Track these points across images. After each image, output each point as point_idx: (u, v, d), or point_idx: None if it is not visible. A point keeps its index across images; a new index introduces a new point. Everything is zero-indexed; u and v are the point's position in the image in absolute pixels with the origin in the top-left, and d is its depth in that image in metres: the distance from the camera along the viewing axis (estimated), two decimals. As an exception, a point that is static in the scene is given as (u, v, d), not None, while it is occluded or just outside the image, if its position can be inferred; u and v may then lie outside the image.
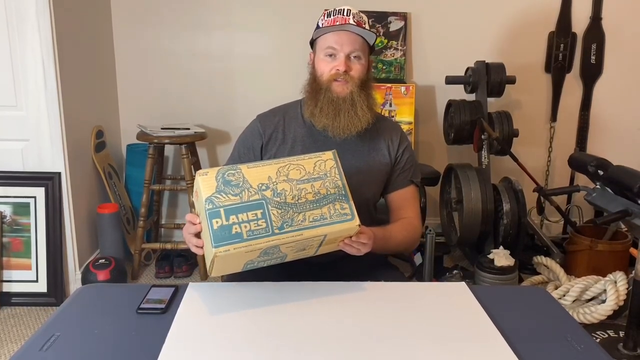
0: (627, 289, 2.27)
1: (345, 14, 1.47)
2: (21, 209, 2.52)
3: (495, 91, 2.89)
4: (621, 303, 2.27)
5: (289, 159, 1.22)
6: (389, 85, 2.95)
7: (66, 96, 2.51)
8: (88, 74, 2.81)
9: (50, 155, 2.52)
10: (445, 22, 3.10)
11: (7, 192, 2.51)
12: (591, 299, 2.41)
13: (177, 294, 1.26)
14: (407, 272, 2.80)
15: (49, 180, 2.51)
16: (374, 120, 1.52)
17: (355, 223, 1.20)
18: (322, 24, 1.50)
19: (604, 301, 2.31)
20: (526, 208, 2.70)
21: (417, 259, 2.82)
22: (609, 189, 2.52)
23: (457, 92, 3.03)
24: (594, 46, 3.14)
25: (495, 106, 3.08)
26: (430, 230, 2.29)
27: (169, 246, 2.85)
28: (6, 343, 2.24)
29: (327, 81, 1.47)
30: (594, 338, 1.89)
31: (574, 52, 3.16)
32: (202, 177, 1.16)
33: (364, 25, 1.48)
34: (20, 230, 2.52)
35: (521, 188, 2.69)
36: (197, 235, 1.24)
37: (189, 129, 2.89)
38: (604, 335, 2.24)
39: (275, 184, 1.18)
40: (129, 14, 3.07)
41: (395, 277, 1.56)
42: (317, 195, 1.19)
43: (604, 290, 2.32)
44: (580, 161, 2.68)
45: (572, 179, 3.26)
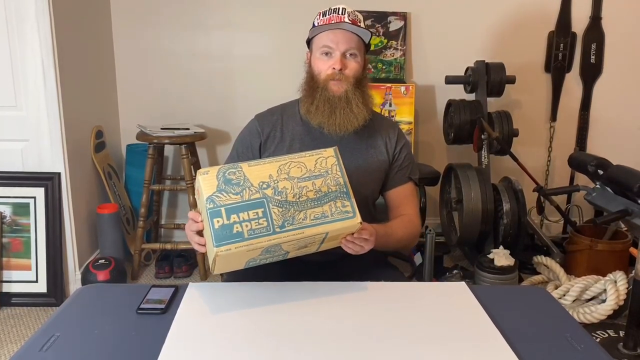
0: (627, 288, 2.27)
1: (340, 13, 1.48)
2: (21, 209, 2.52)
3: (495, 91, 2.89)
4: (621, 303, 2.27)
5: (290, 157, 1.22)
6: (389, 85, 2.95)
7: (66, 96, 2.50)
8: (88, 74, 2.81)
9: (50, 155, 2.51)
10: (445, 22, 3.10)
11: (7, 193, 2.50)
12: (591, 299, 2.41)
13: (177, 294, 1.26)
14: (407, 272, 2.80)
15: (48, 181, 2.51)
16: (371, 118, 1.52)
17: (357, 220, 1.20)
18: (318, 22, 1.50)
19: (604, 301, 2.31)
20: (526, 208, 2.70)
21: (417, 258, 2.82)
22: (608, 189, 2.51)
23: (457, 92, 3.03)
24: (593, 46, 3.14)
25: (495, 106, 3.08)
26: (430, 230, 2.28)
27: (168, 246, 2.85)
28: (6, 343, 2.23)
29: (324, 80, 1.48)
30: (594, 338, 1.89)
31: (573, 52, 3.16)
32: (203, 176, 1.16)
33: (359, 23, 1.49)
34: (20, 230, 2.52)
35: (521, 188, 2.69)
36: (200, 233, 1.24)
37: (188, 129, 2.89)
38: (604, 335, 2.24)
39: (276, 182, 1.17)
40: (128, 14, 3.07)
41: (395, 277, 1.56)
42: (319, 193, 1.19)
43: (604, 290, 2.32)
44: (580, 161, 2.68)
45: (572, 179, 3.26)
